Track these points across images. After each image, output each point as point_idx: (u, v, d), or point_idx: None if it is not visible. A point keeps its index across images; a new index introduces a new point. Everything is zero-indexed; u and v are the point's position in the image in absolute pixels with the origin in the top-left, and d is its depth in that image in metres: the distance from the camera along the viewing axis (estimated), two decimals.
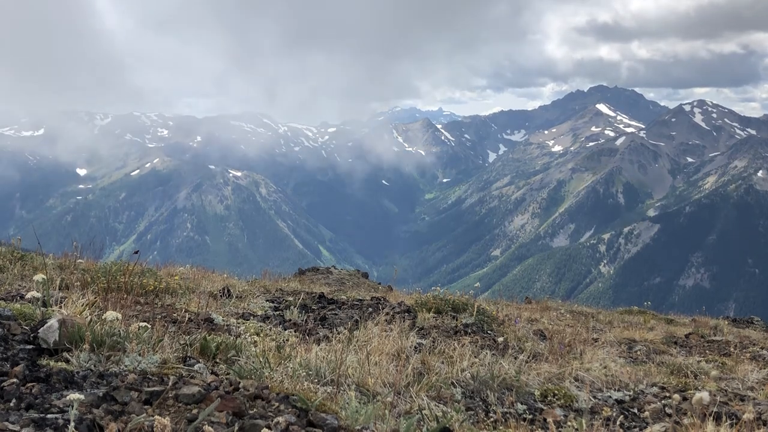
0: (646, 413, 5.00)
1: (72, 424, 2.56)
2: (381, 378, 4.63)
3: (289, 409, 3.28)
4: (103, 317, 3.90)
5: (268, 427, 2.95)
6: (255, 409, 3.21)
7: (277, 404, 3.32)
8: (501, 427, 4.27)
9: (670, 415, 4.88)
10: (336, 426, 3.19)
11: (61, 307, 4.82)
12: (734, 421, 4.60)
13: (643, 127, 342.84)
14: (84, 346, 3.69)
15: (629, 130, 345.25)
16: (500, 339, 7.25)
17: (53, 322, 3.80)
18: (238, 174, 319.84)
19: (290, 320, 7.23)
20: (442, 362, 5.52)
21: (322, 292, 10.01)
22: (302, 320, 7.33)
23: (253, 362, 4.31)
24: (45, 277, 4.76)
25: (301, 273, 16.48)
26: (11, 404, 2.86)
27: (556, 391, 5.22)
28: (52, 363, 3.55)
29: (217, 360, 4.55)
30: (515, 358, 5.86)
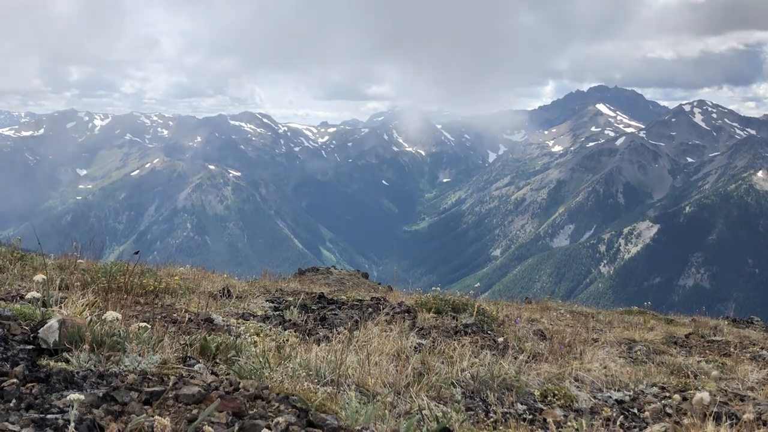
0: (646, 413, 5.00)
1: (72, 424, 2.56)
2: (381, 378, 4.63)
3: (289, 410, 3.28)
4: (103, 317, 3.90)
5: (268, 428, 2.95)
6: (255, 410, 3.21)
7: (277, 404, 3.32)
8: (501, 428, 4.27)
9: (670, 415, 4.88)
10: (336, 426, 3.19)
11: (61, 308, 4.82)
12: (734, 421, 4.60)
13: (643, 127, 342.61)
14: (84, 347, 3.68)
15: (629, 130, 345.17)
16: (500, 339, 7.25)
17: (53, 323, 3.79)
18: (238, 174, 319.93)
19: (290, 320, 7.23)
20: (442, 362, 5.52)
21: (322, 293, 10.01)
22: (302, 320, 7.33)
23: (253, 362, 4.31)
24: (45, 277, 4.76)
25: (300, 273, 16.47)
26: (11, 404, 2.86)
27: (556, 392, 5.22)
28: (52, 363, 3.54)
29: (217, 360, 4.55)
30: (515, 359, 5.86)
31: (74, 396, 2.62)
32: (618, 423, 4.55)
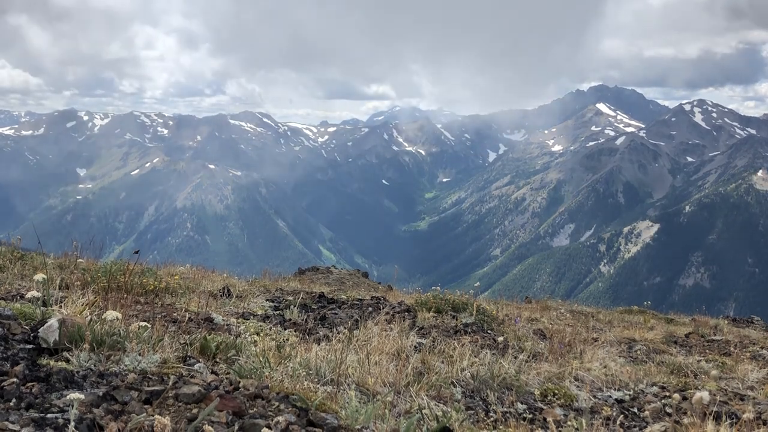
0: (646, 413, 5.00)
1: (72, 423, 2.56)
2: (381, 377, 4.63)
3: (289, 409, 3.28)
4: (103, 317, 3.90)
5: (268, 427, 2.95)
6: (255, 409, 3.21)
7: (277, 404, 3.32)
8: (501, 427, 4.27)
9: (670, 415, 4.88)
10: (336, 425, 3.19)
11: (61, 307, 4.82)
12: (734, 420, 4.60)
13: (643, 126, 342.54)
14: (84, 346, 3.69)
15: (629, 129, 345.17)
16: (500, 338, 7.25)
17: (53, 322, 3.79)
18: (238, 173, 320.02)
19: (290, 320, 7.23)
20: (442, 362, 5.52)
21: (322, 292, 10.01)
22: (302, 320, 7.33)
23: (253, 362, 4.31)
24: (45, 276, 4.76)
25: (300, 272, 16.46)
26: (11, 404, 2.86)
27: (556, 391, 5.22)
28: (52, 362, 3.55)
29: (217, 359, 4.55)
30: (515, 358, 5.86)
31: (74, 395, 2.62)
32: (618, 422, 4.55)
